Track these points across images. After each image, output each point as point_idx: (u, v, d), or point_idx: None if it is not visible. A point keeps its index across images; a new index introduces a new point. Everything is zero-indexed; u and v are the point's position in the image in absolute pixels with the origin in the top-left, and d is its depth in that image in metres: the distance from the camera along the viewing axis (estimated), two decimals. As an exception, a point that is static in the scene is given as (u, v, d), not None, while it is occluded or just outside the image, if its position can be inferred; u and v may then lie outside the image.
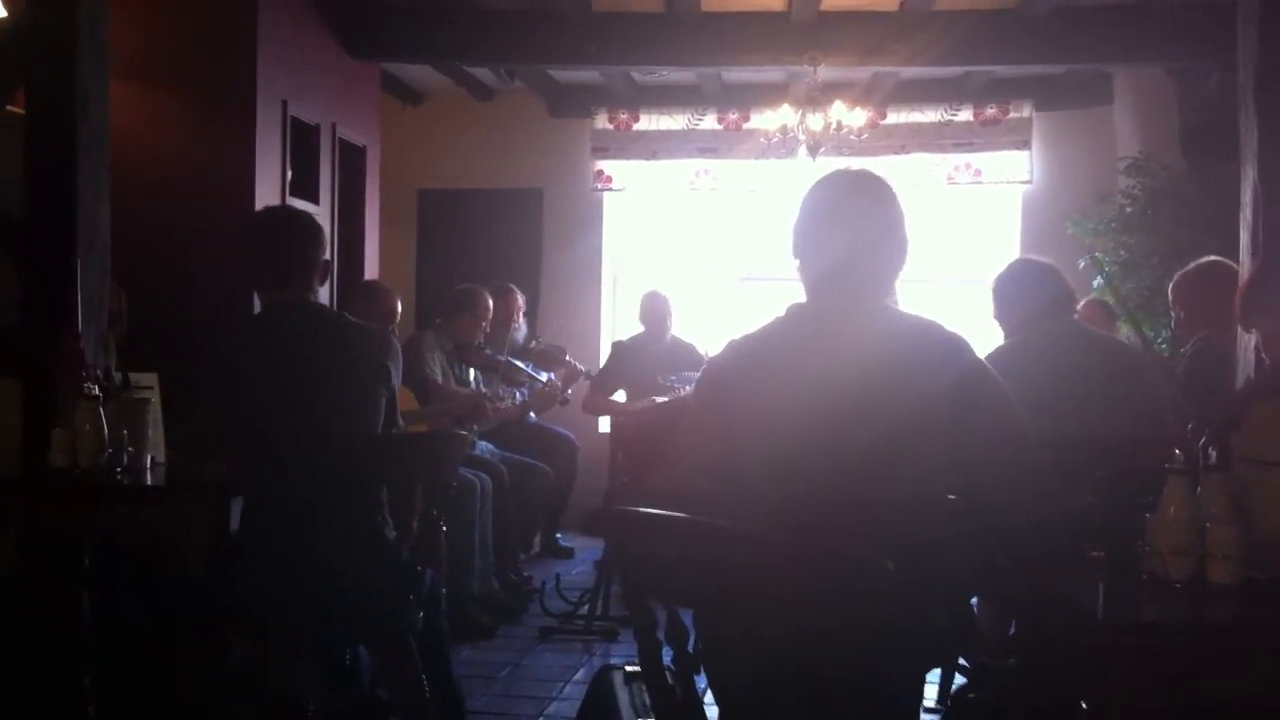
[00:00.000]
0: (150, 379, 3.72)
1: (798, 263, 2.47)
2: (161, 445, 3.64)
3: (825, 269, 2.43)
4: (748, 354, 2.48)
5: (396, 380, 3.44)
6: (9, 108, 3.98)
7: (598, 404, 6.99)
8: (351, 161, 7.03)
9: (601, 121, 8.70)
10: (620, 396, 6.92)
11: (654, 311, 7.00)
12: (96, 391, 3.34)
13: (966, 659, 3.42)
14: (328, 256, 3.46)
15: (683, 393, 5.70)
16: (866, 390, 2.28)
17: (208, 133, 5.75)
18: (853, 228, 2.42)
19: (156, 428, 3.60)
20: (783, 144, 7.22)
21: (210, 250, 5.47)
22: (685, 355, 6.72)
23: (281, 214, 3.81)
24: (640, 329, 7.10)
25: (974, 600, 3.44)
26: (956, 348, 2.35)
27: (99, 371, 3.52)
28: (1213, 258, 4.36)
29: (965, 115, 8.35)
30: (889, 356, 2.32)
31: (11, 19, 4.12)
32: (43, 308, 3.63)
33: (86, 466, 3.28)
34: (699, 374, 2.58)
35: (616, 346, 7.19)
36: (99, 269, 3.76)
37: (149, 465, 3.46)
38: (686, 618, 2.11)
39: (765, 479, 2.32)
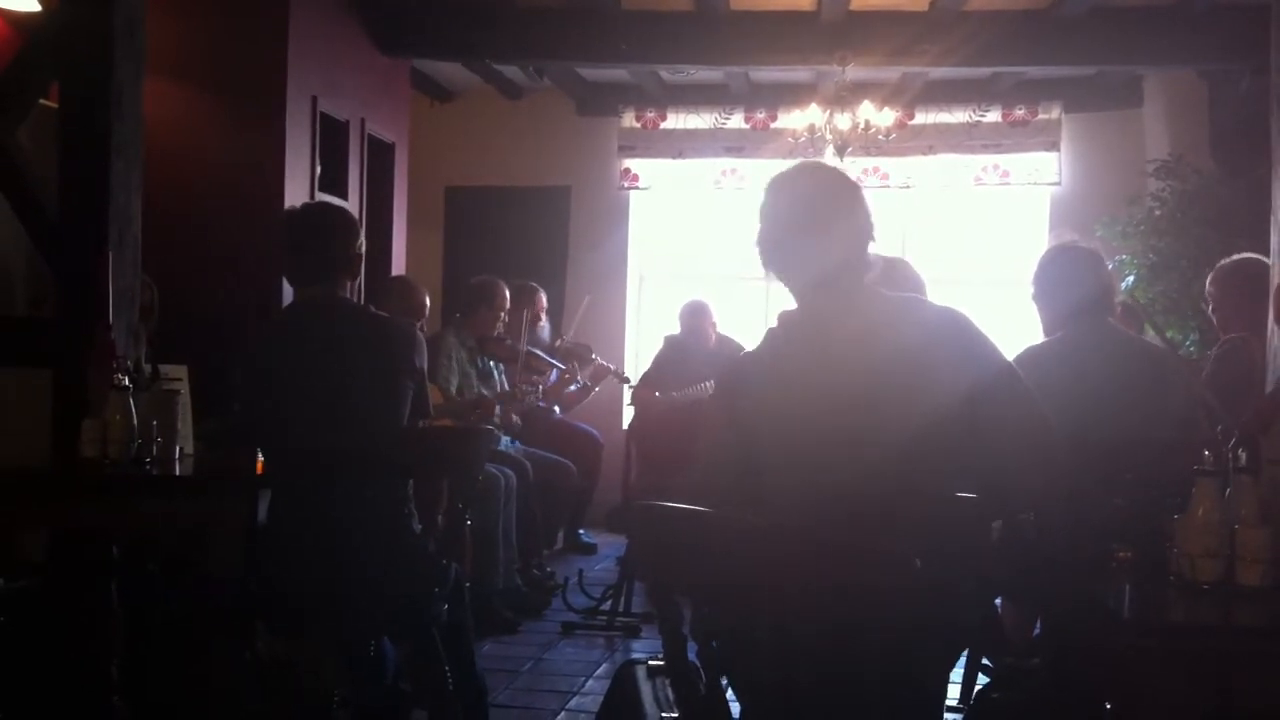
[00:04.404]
0: (180, 371, 3.75)
1: (774, 274, 2.45)
2: (190, 437, 3.67)
3: (810, 277, 2.42)
4: (756, 367, 2.49)
5: (424, 368, 3.47)
6: (42, 101, 4.00)
7: (648, 400, 6.88)
8: (380, 158, 7.06)
9: (629, 120, 8.70)
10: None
11: (691, 319, 7.00)
12: (127, 383, 3.37)
13: (990, 659, 3.41)
14: (361, 252, 3.48)
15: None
16: (883, 389, 2.26)
17: (238, 128, 5.78)
18: (825, 231, 2.39)
19: (186, 419, 3.63)
20: (810, 144, 7.20)
21: (240, 244, 5.51)
22: (731, 355, 6.69)
23: (316, 210, 3.84)
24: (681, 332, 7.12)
25: (997, 600, 3.43)
26: (974, 339, 2.33)
27: (129, 363, 3.54)
28: (1249, 255, 4.32)
29: (994, 116, 8.32)
30: (904, 352, 2.30)
31: (46, 13, 4.15)
32: (74, 300, 3.66)
33: (116, 457, 3.30)
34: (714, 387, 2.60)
35: (668, 340, 7.18)
36: (130, 262, 3.79)
37: (178, 456, 3.49)
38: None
39: (786, 486, 2.32)
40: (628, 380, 7.17)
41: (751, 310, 8.52)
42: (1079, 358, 3.45)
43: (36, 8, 4.50)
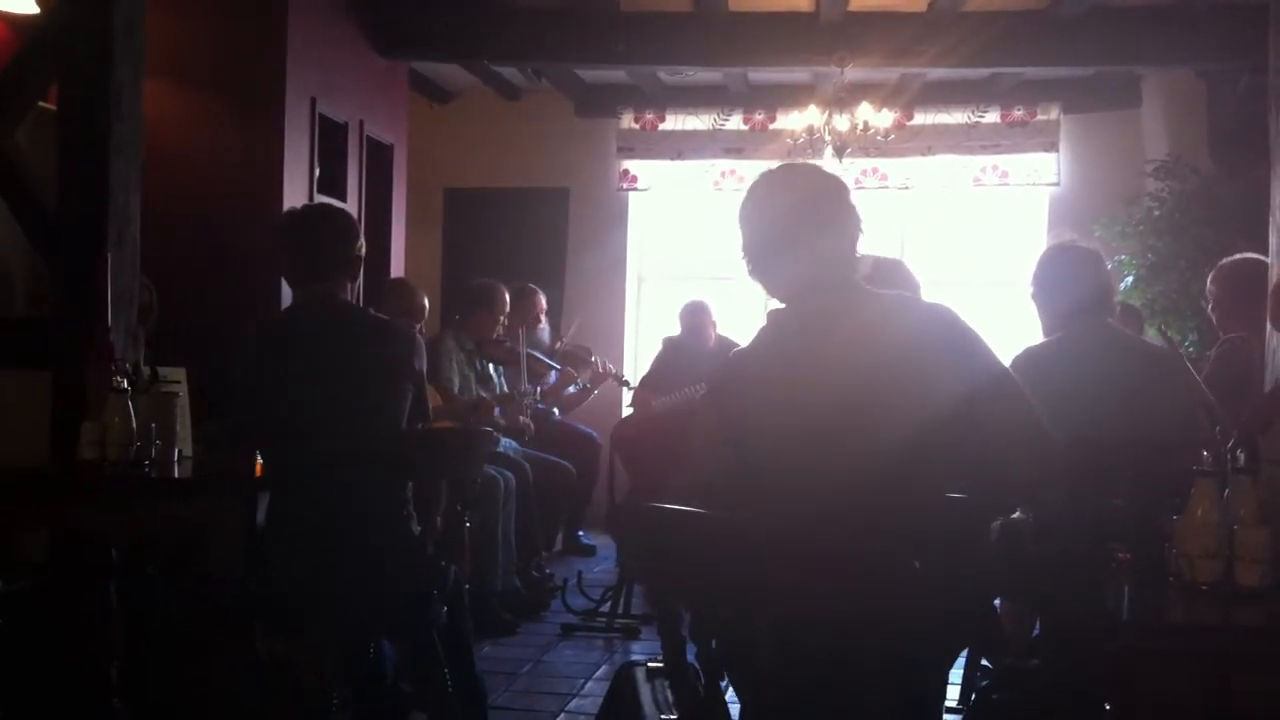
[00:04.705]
0: (179, 373, 3.75)
1: (761, 283, 2.44)
2: (189, 439, 3.67)
3: (800, 283, 2.40)
4: (748, 366, 2.49)
5: (423, 370, 3.47)
6: (42, 103, 4.01)
7: (647, 401, 6.79)
8: (379, 160, 7.05)
9: (627, 121, 8.70)
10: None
11: (691, 318, 6.98)
12: (125, 385, 3.37)
13: (990, 659, 3.41)
14: (360, 253, 3.47)
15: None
16: (877, 387, 2.26)
17: (237, 130, 5.78)
18: (812, 239, 2.36)
19: (184, 421, 3.63)
20: (809, 145, 7.20)
21: (239, 246, 5.51)
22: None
23: (316, 212, 3.85)
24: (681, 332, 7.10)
25: (997, 600, 3.44)
26: (965, 336, 2.32)
27: (128, 365, 3.54)
28: (1251, 254, 4.32)
29: (992, 117, 8.32)
30: (896, 350, 2.29)
31: (45, 14, 4.15)
32: (73, 301, 3.66)
33: (115, 459, 3.31)
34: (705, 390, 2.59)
35: (667, 342, 7.17)
36: (129, 263, 3.79)
37: (177, 458, 3.49)
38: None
39: (781, 485, 2.32)
40: (627, 383, 7.17)
41: (751, 311, 8.52)
42: (1078, 358, 3.44)
43: (35, 10, 4.50)
